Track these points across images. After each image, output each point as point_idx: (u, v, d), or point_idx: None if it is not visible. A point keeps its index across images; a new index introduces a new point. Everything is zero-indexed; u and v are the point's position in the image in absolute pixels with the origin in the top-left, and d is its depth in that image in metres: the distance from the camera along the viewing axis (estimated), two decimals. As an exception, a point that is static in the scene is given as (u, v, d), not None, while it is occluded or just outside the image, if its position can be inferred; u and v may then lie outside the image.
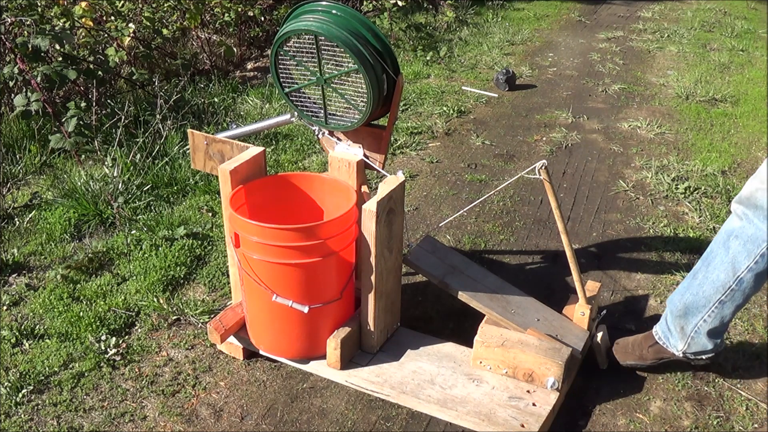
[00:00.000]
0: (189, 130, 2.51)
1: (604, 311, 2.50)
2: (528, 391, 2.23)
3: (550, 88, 5.41)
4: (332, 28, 2.07)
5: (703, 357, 2.27)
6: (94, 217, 3.32)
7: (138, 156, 3.68)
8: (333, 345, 2.29)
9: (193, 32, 5.67)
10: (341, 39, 2.06)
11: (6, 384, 2.33)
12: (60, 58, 4.04)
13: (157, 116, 3.92)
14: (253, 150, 2.37)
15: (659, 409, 2.31)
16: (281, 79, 2.31)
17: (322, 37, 2.09)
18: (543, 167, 2.15)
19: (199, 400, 2.32)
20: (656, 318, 2.73)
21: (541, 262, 3.11)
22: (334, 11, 2.13)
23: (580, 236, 3.31)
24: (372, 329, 2.35)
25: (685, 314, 2.20)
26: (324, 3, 2.17)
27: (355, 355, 2.38)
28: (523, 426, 2.10)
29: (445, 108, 4.83)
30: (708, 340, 2.20)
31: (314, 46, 2.14)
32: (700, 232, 3.31)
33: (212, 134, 2.48)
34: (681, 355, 2.27)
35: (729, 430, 2.22)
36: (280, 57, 2.25)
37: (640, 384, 2.41)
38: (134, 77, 4.54)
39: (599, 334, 2.35)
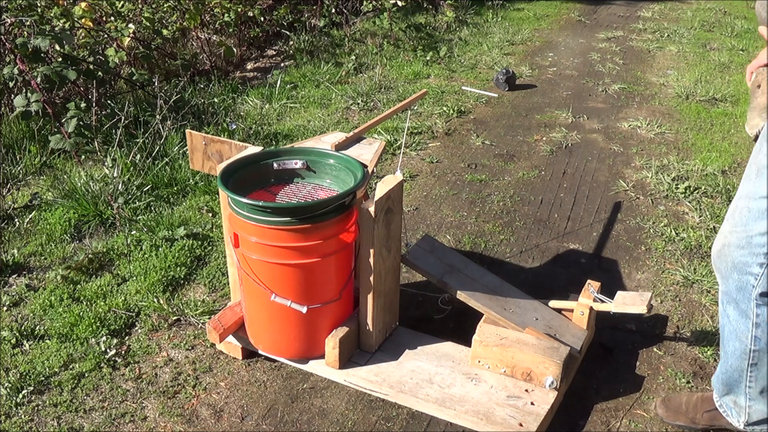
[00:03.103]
0: (187, 131, 2.51)
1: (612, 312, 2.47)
2: (526, 390, 2.23)
3: (550, 88, 5.41)
4: None
5: (765, 426, 2.15)
6: (94, 217, 3.32)
7: (138, 156, 3.68)
8: (331, 344, 2.29)
9: (193, 32, 5.68)
10: None
11: (6, 384, 2.34)
12: (60, 59, 4.05)
13: (157, 117, 3.93)
14: (252, 150, 2.37)
15: (658, 408, 2.31)
16: None
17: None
18: None
19: (200, 400, 2.32)
20: (655, 320, 2.73)
21: (541, 262, 3.11)
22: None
23: (580, 236, 3.31)
24: (370, 329, 2.35)
25: (730, 390, 2.10)
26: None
27: (353, 355, 2.38)
28: (521, 425, 2.10)
29: (445, 108, 4.83)
30: (766, 404, 2.07)
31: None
32: (701, 232, 3.31)
33: (211, 135, 2.48)
34: (743, 427, 2.15)
35: (729, 430, 2.22)
36: None
37: (640, 384, 2.41)
38: (134, 78, 4.54)
39: None
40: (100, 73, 4.16)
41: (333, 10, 6.77)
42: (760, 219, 1.79)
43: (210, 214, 3.41)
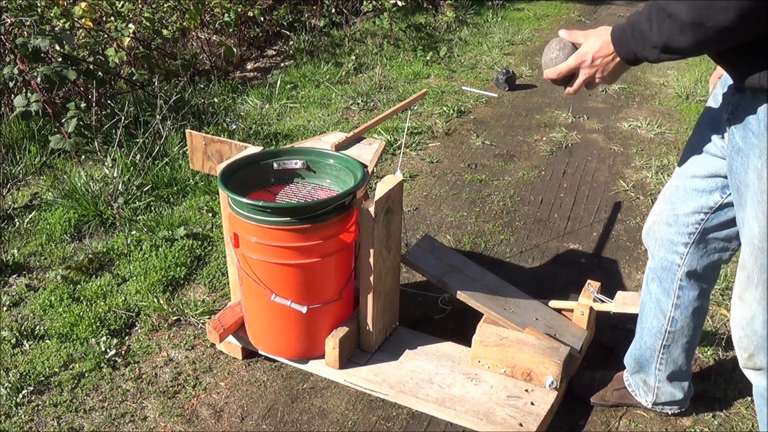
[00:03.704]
0: (187, 131, 2.51)
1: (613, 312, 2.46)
2: (526, 390, 2.23)
3: (550, 88, 5.41)
4: None
5: (675, 407, 2.20)
6: (94, 217, 3.32)
7: (138, 156, 3.68)
8: (331, 344, 2.29)
9: (193, 32, 5.68)
10: None
11: (6, 385, 2.34)
12: (60, 59, 4.05)
13: (157, 117, 3.93)
14: (252, 149, 2.37)
15: (658, 408, 2.31)
16: None
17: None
18: None
19: (200, 400, 2.32)
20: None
21: (541, 262, 3.11)
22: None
23: (580, 236, 3.31)
24: (370, 329, 2.35)
25: (640, 369, 2.15)
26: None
27: (353, 355, 2.38)
28: (521, 425, 2.10)
29: (445, 108, 4.83)
30: (673, 387, 2.13)
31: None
32: (700, 232, 3.31)
33: (211, 135, 2.49)
34: (651, 406, 2.21)
35: (729, 430, 2.22)
36: None
37: (640, 383, 2.41)
38: (134, 78, 4.54)
39: None
40: (100, 73, 4.16)
41: (333, 10, 6.78)
42: (687, 198, 1.81)
43: (210, 214, 3.41)
